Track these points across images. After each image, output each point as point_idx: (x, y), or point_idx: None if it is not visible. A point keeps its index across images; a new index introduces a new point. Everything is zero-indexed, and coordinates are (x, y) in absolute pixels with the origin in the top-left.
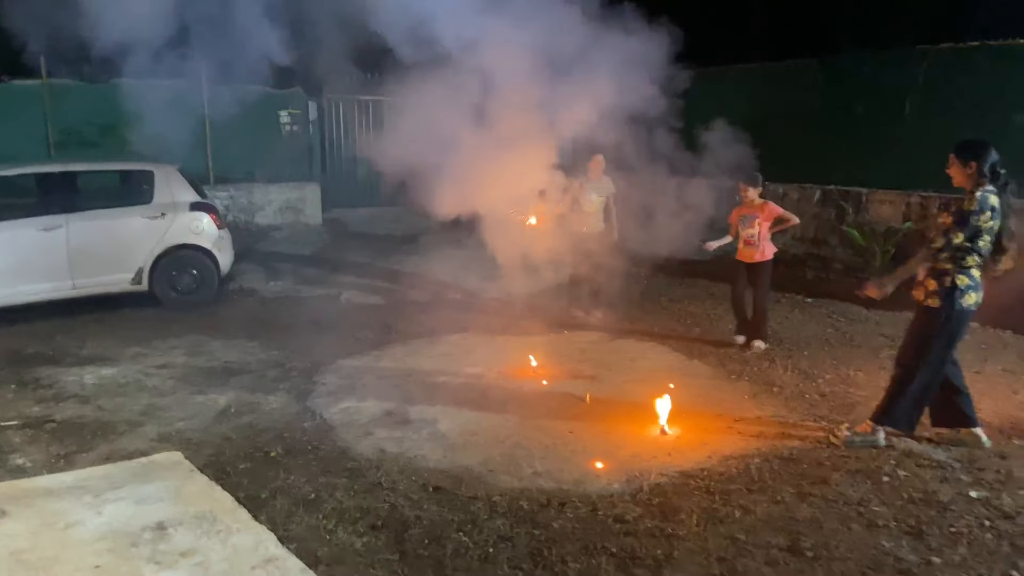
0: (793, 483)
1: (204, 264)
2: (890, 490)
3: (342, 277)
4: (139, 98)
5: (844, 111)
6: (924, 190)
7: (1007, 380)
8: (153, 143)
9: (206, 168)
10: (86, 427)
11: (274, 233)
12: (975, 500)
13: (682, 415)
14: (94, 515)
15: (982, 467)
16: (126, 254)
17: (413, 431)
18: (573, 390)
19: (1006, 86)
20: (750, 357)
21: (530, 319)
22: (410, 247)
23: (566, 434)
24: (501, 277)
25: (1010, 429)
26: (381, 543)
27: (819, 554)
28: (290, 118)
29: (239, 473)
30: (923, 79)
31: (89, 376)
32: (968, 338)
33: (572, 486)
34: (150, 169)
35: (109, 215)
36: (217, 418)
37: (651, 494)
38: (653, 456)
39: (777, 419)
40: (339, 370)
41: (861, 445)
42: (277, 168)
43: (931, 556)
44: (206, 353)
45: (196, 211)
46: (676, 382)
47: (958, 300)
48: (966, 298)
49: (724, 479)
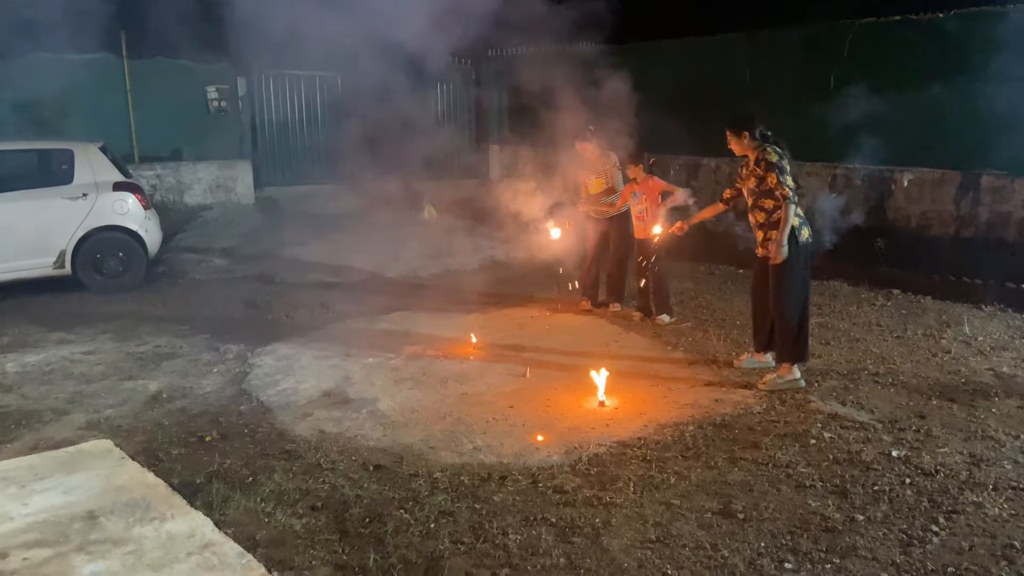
0: (725, 448)
1: (130, 246)
2: (816, 452)
3: (276, 256)
4: (55, 73)
5: (772, 85)
6: (849, 162)
7: (927, 344)
8: (72, 120)
9: (131, 146)
10: (9, 416)
11: (204, 213)
12: (896, 459)
13: (620, 386)
14: (20, 507)
15: (903, 427)
16: (46, 237)
17: (353, 411)
18: (513, 365)
19: (926, 59)
20: (685, 329)
21: (470, 297)
22: (347, 224)
23: (506, 409)
24: (441, 254)
25: (928, 390)
26: (321, 524)
27: (749, 515)
28: (218, 94)
29: (172, 459)
30: (847, 53)
31: (11, 364)
32: (890, 304)
33: (512, 459)
34: (69, 148)
35: (26, 197)
36: (148, 404)
37: (589, 464)
38: (592, 427)
39: (710, 387)
40: (275, 352)
41: (784, 386)
42: (206, 146)
43: (855, 514)
44: (135, 338)
45: (120, 191)
46: (614, 354)
47: (799, 238)
48: (803, 233)
49: (660, 447)
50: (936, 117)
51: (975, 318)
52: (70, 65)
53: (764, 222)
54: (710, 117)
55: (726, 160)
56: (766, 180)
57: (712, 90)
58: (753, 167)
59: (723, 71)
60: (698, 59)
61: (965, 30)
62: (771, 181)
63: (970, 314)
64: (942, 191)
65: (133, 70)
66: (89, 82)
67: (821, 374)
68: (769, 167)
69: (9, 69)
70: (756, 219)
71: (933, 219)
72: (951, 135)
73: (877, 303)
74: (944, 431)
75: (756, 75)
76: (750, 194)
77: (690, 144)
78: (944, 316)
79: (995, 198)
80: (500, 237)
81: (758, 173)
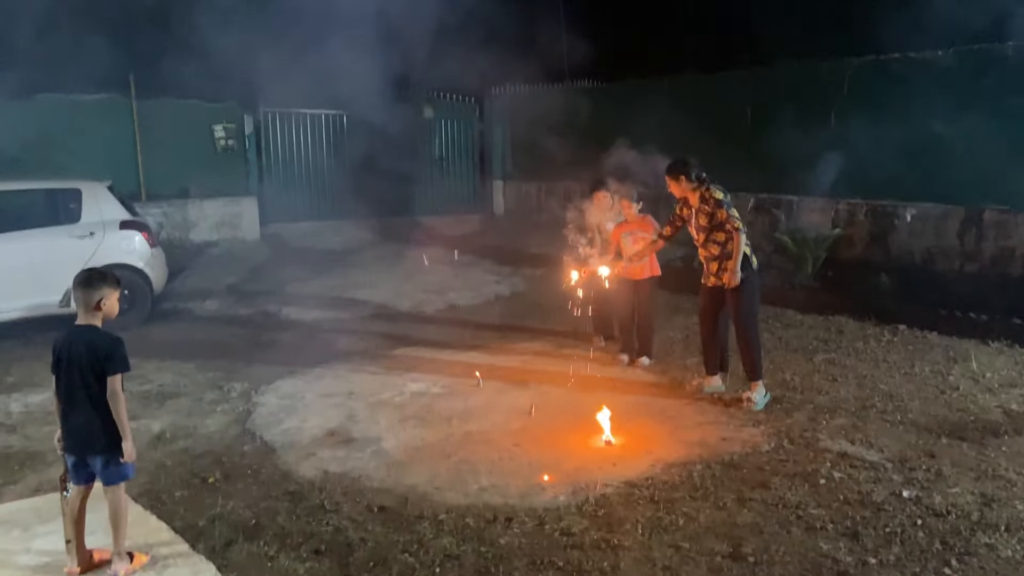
0: (734, 488)
1: (135, 284)
2: (827, 492)
3: (281, 293)
4: (65, 113)
5: (774, 121)
6: (851, 197)
7: (935, 380)
8: (81, 159)
9: (138, 184)
10: (13, 457)
11: (210, 250)
12: (907, 499)
13: (626, 424)
14: (23, 551)
15: (913, 467)
16: (53, 276)
17: (357, 450)
18: (518, 402)
19: (926, 95)
20: (690, 364)
21: (474, 333)
22: (352, 260)
23: (512, 447)
24: (445, 289)
25: (938, 428)
26: (325, 568)
27: (760, 559)
28: (225, 132)
29: (175, 501)
30: (848, 89)
31: (15, 404)
32: (896, 340)
33: (519, 500)
34: (77, 187)
35: (34, 235)
36: (151, 444)
37: (597, 505)
38: (598, 467)
39: (717, 424)
40: (279, 390)
41: (765, 401)
42: (212, 183)
43: (867, 557)
44: (139, 376)
45: (126, 229)
46: (619, 391)
47: (751, 263)
48: (753, 261)
49: (668, 487)
50: (938, 152)
51: (982, 354)
52: (80, 105)
53: (719, 254)
54: (711, 153)
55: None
56: (716, 215)
57: (713, 126)
58: (700, 206)
59: (724, 107)
60: (699, 95)
61: (965, 66)
62: (721, 216)
63: (977, 350)
64: (945, 226)
65: (141, 109)
66: (98, 121)
67: (829, 411)
68: (718, 204)
69: (20, 108)
70: (710, 252)
71: (937, 254)
72: (953, 170)
73: (883, 338)
74: (954, 470)
75: (756, 111)
76: (700, 231)
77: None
78: (951, 352)
79: (999, 233)
80: (504, 272)
81: (706, 210)
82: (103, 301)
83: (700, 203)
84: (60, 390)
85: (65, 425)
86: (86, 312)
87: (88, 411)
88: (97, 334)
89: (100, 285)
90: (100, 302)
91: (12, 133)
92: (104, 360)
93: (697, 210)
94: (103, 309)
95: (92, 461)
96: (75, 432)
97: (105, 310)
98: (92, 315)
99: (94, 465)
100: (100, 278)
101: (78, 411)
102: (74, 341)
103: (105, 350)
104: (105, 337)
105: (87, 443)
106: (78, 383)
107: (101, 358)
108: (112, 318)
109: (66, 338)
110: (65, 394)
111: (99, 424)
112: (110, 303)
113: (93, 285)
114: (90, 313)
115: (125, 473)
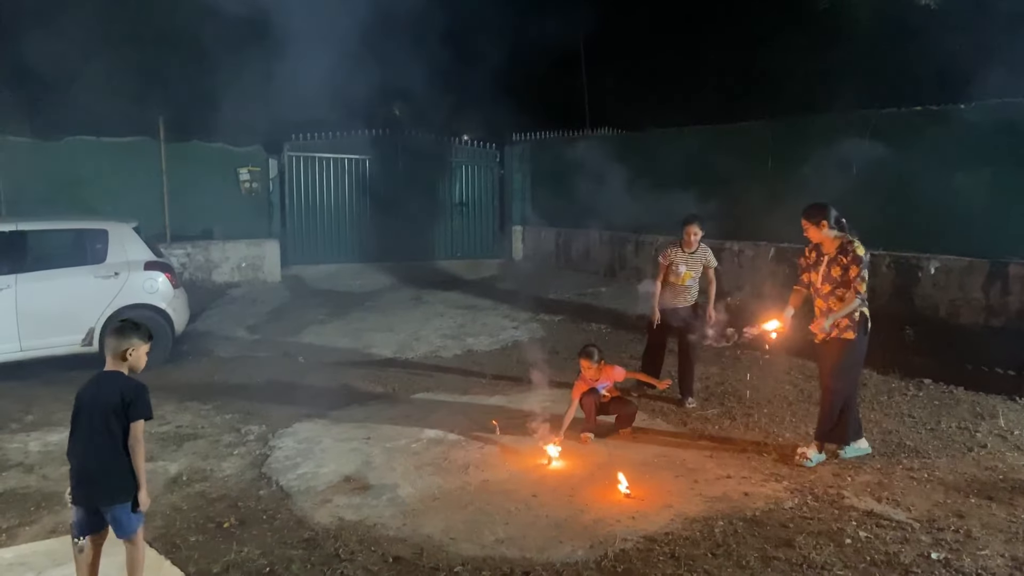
0: (757, 546)
1: (158, 324)
2: (853, 553)
3: (300, 335)
4: (95, 155)
5: (794, 172)
6: (874, 248)
7: (962, 437)
8: (108, 200)
9: (163, 225)
10: (29, 498)
11: (232, 291)
12: (935, 562)
13: (645, 476)
14: None
15: (941, 527)
16: (77, 315)
17: (372, 497)
18: (536, 451)
19: (948, 147)
20: (711, 416)
21: (492, 379)
22: (371, 304)
23: (529, 498)
24: (463, 334)
25: (966, 487)
26: None
27: None
28: (250, 175)
29: (190, 546)
30: (869, 141)
31: (34, 443)
32: (922, 394)
33: (536, 554)
34: (104, 228)
35: (60, 275)
36: (168, 487)
37: (616, 561)
38: (617, 520)
39: (740, 479)
40: (296, 434)
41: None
42: (235, 225)
43: None
44: (157, 417)
45: (150, 270)
46: (639, 441)
47: (866, 328)
48: (868, 325)
49: (688, 543)
50: (961, 205)
51: (1010, 410)
52: (109, 148)
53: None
54: (732, 202)
55: (748, 244)
56: (849, 271)
57: (733, 176)
58: (837, 256)
59: (744, 158)
60: (720, 146)
61: (988, 120)
62: (853, 273)
63: (1004, 406)
64: (970, 279)
65: (169, 152)
66: (126, 163)
67: (855, 468)
68: (856, 260)
69: (52, 150)
70: (830, 306)
71: (962, 307)
72: (977, 223)
73: (908, 393)
74: (984, 532)
75: (776, 162)
76: (829, 282)
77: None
78: (978, 408)
79: None
80: (522, 318)
81: (843, 262)
82: (130, 351)
83: (837, 253)
84: (77, 436)
85: (77, 474)
86: (113, 359)
87: (105, 458)
88: (122, 380)
89: (131, 336)
90: (127, 352)
91: (43, 174)
92: (128, 406)
93: (832, 260)
94: (129, 360)
95: (104, 511)
96: (88, 480)
97: (131, 361)
98: (119, 363)
99: (106, 515)
100: (133, 329)
101: (94, 458)
102: (99, 386)
103: (130, 395)
104: (130, 383)
105: (99, 492)
106: (99, 427)
107: (126, 403)
108: (138, 371)
109: (91, 384)
110: (84, 439)
111: (115, 472)
112: (137, 354)
113: (124, 335)
114: (117, 361)
115: (137, 522)
